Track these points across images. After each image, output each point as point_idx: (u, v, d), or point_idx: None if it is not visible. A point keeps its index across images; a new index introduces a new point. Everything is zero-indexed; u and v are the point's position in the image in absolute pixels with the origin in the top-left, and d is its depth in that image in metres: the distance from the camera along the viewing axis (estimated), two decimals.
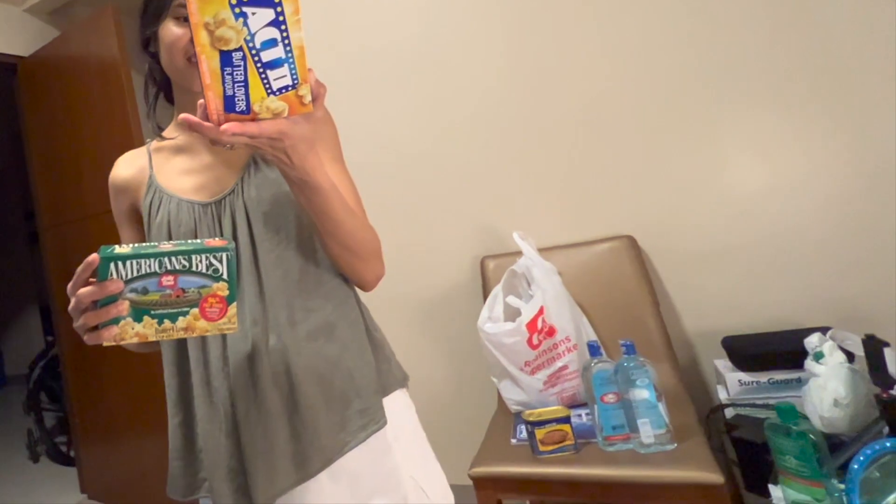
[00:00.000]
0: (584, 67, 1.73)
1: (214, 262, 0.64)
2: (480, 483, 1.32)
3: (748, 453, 1.11)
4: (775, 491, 0.98)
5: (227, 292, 0.65)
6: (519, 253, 1.62)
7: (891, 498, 0.85)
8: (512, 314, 1.58)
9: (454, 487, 1.91)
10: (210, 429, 0.77)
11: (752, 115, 1.55)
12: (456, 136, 1.92)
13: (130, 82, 2.43)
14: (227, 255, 0.65)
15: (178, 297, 0.63)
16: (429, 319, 2.00)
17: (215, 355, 0.77)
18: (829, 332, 1.23)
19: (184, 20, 0.78)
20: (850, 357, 1.16)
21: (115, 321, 0.61)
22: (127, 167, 0.88)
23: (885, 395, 1.00)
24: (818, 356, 1.17)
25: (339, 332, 0.82)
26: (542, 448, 1.29)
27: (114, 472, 2.74)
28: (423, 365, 2.01)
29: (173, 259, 0.62)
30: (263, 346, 0.76)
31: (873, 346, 1.05)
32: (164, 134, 0.90)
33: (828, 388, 1.10)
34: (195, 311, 0.64)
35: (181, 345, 0.81)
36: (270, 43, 0.59)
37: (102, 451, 2.80)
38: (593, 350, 1.35)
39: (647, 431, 1.20)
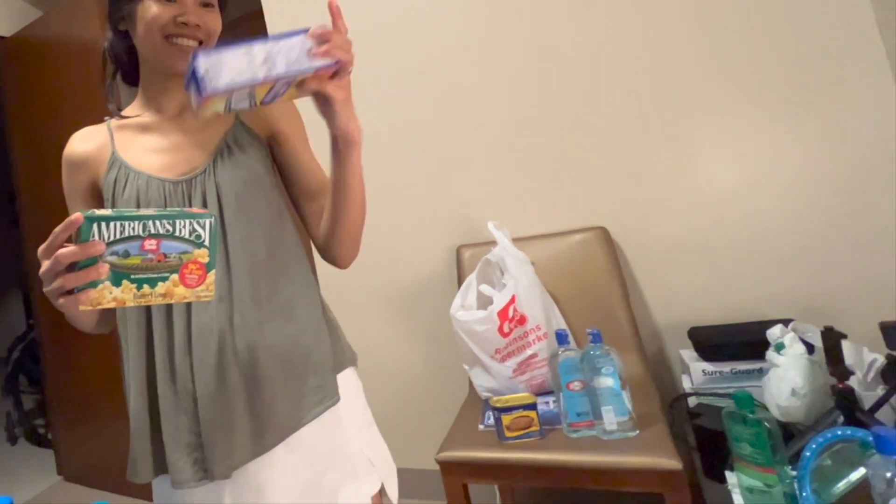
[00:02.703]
0: (561, 62, 1.72)
1: (197, 227, 0.63)
2: (446, 468, 1.31)
3: (708, 440, 1.11)
4: (731, 477, 0.98)
5: (207, 259, 0.64)
6: (494, 242, 1.61)
7: (841, 485, 0.84)
8: (485, 302, 1.56)
9: (424, 472, 1.92)
10: (170, 405, 0.76)
11: (725, 113, 1.55)
12: (433, 128, 1.90)
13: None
14: (209, 222, 0.64)
15: (159, 261, 0.61)
16: (404, 308, 1.98)
17: (180, 331, 0.77)
18: (791, 325, 1.23)
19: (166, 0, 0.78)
20: (810, 349, 1.16)
21: (93, 284, 0.58)
22: (84, 143, 0.86)
23: (840, 386, 1.00)
24: (779, 347, 1.16)
25: (299, 313, 0.84)
26: (507, 434, 1.28)
27: (91, 454, 2.70)
28: (397, 353, 1.99)
29: (157, 223, 0.61)
30: (228, 323, 0.77)
31: (831, 338, 1.05)
32: (127, 112, 0.88)
33: (786, 379, 1.10)
34: (175, 276, 0.62)
35: (147, 323, 0.79)
36: None
37: (80, 434, 2.76)
38: (561, 338, 1.34)
39: (611, 419, 1.20)
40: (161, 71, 0.84)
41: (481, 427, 1.38)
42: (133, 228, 0.60)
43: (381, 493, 0.88)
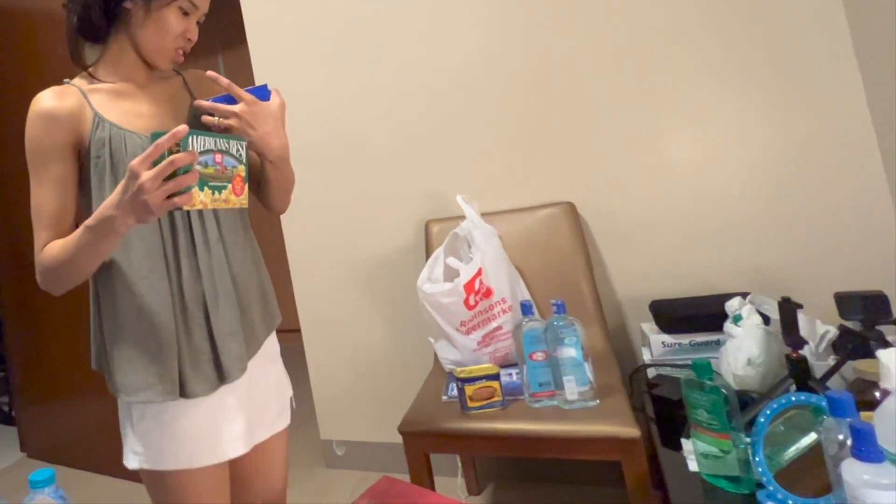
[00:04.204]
0: (529, 40, 1.67)
1: (241, 148, 0.80)
2: (409, 438, 1.27)
3: (665, 410, 1.09)
4: (687, 444, 0.96)
5: (244, 174, 0.80)
6: (463, 217, 1.56)
7: (792, 450, 0.83)
8: (451, 275, 1.52)
9: (389, 445, 1.89)
10: (185, 327, 0.86)
11: (690, 92, 1.53)
12: (404, 103, 1.84)
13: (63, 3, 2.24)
14: (245, 144, 0.81)
15: (223, 172, 0.76)
16: (373, 282, 1.93)
17: (186, 265, 0.86)
18: (749, 297, 1.22)
19: (184, 14, 0.88)
20: (766, 320, 1.15)
21: (188, 189, 0.70)
22: (61, 100, 0.85)
23: (794, 355, 0.99)
24: (737, 319, 1.16)
25: (256, 258, 1.00)
26: (470, 404, 1.25)
27: (55, 432, 2.60)
28: (365, 326, 1.94)
29: (221, 141, 0.76)
30: (223, 257, 0.90)
31: (787, 309, 1.04)
32: (97, 77, 0.91)
33: (743, 349, 1.09)
34: (230, 185, 0.77)
35: (162, 256, 0.86)
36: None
37: (43, 411, 2.65)
38: (525, 309, 1.31)
39: (572, 388, 1.18)
40: (146, 57, 0.90)
41: (444, 398, 1.35)
42: (211, 144, 0.74)
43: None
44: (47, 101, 0.84)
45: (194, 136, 0.70)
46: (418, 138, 1.83)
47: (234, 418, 0.90)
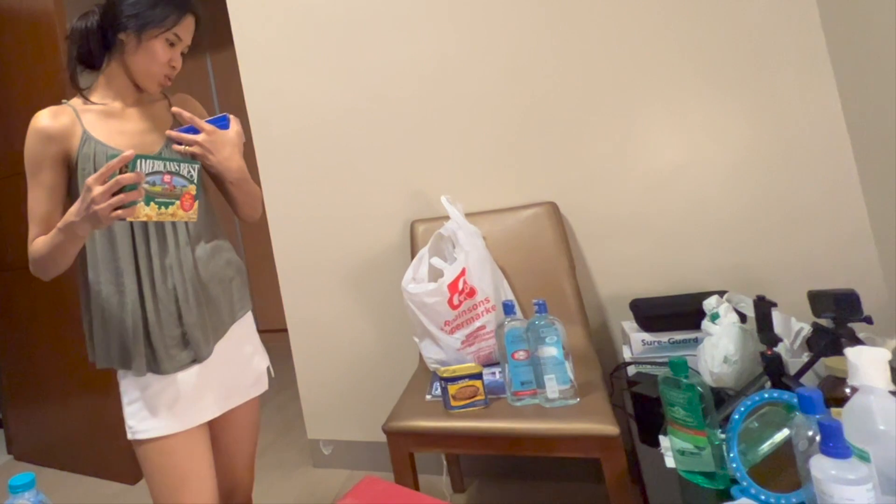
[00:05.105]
0: (511, 40, 1.67)
1: (192, 170, 0.92)
2: (393, 437, 1.26)
3: (644, 407, 1.09)
4: (664, 441, 0.96)
5: (195, 192, 0.93)
6: (448, 217, 1.55)
7: (765, 445, 0.84)
8: (436, 275, 1.51)
9: (376, 444, 1.87)
10: (158, 316, 0.98)
11: (669, 93, 1.53)
12: (388, 104, 1.83)
13: (65, 39, 2.20)
14: (198, 167, 0.94)
15: (171, 190, 0.88)
16: (359, 282, 1.92)
17: (157, 265, 0.98)
18: (726, 295, 1.22)
19: (170, 45, 1.01)
20: (743, 318, 1.16)
21: (134, 203, 0.83)
22: (56, 119, 0.98)
23: (769, 352, 0.99)
24: (714, 317, 1.16)
25: (225, 254, 1.11)
26: (453, 403, 1.24)
27: (42, 434, 2.55)
28: (350, 326, 1.93)
29: (171, 164, 0.88)
30: (191, 257, 1.02)
31: (763, 307, 1.04)
32: (91, 99, 1.04)
33: (719, 346, 1.09)
34: (178, 202, 0.90)
35: (135, 257, 0.99)
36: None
37: (31, 413, 2.60)
38: (508, 309, 1.30)
39: (553, 387, 1.17)
40: (136, 81, 1.04)
41: (428, 397, 1.34)
42: (159, 166, 0.86)
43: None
44: (44, 119, 0.98)
45: (142, 160, 0.83)
46: (404, 140, 1.82)
47: (206, 391, 1.04)
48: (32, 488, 0.74)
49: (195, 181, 0.91)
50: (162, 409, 1.00)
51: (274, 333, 2.32)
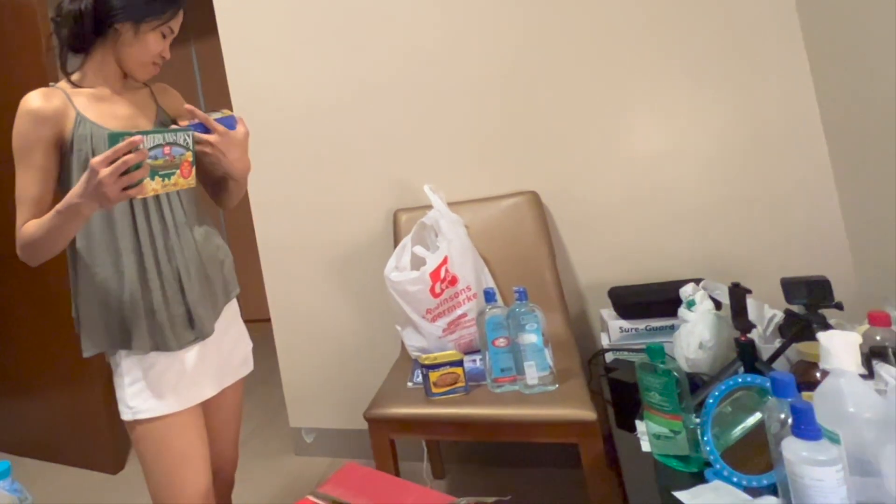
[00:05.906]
0: (494, 31, 1.65)
1: (187, 138, 0.91)
2: (374, 424, 1.25)
3: (621, 393, 1.09)
4: (640, 426, 0.97)
5: (191, 158, 0.92)
6: (431, 206, 1.54)
7: (738, 429, 0.84)
8: (418, 264, 1.50)
9: (358, 432, 1.86)
10: (162, 294, 0.99)
11: (648, 84, 1.53)
12: (372, 94, 1.80)
13: (47, 23, 2.11)
14: (192, 134, 0.93)
15: (171, 161, 0.88)
16: (342, 271, 1.89)
17: (160, 244, 1.00)
18: (702, 283, 1.23)
19: (163, 37, 1.01)
20: (718, 305, 1.16)
21: (141, 181, 0.82)
22: (49, 101, 0.97)
23: (742, 339, 1.00)
24: (690, 304, 1.16)
25: (215, 234, 1.13)
26: (434, 390, 1.23)
27: (23, 424, 2.48)
28: (335, 315, 1.91)
29: (169, 135, 0.88)
30: (190, 236, 1.04)
31: (737, 294, 1.05)
32: (79, 83, 1.02)
33: (695, 333, 1.09)
34: (178, 171, 0.90)
35: (136, 238, 0.99)
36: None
37: (11, 403, 2.53)
38: (489, 296, 1.29)
39: (532, 373, 1.17)
40: (127, 70, 1.04)
41: (410, 385, 1.33)
42: (158, 139, 0.85)
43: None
44: (35, 101, 0.96)
45: (145, 137, 0.82)
46: (387, 129, 1.79)
47: (205, 370, 1.06)
48: (7, 477, 0.72)
49: (191, 147, 0.91)
50: (165, 389, 1.00)
51: (256, 323, 2.28)
